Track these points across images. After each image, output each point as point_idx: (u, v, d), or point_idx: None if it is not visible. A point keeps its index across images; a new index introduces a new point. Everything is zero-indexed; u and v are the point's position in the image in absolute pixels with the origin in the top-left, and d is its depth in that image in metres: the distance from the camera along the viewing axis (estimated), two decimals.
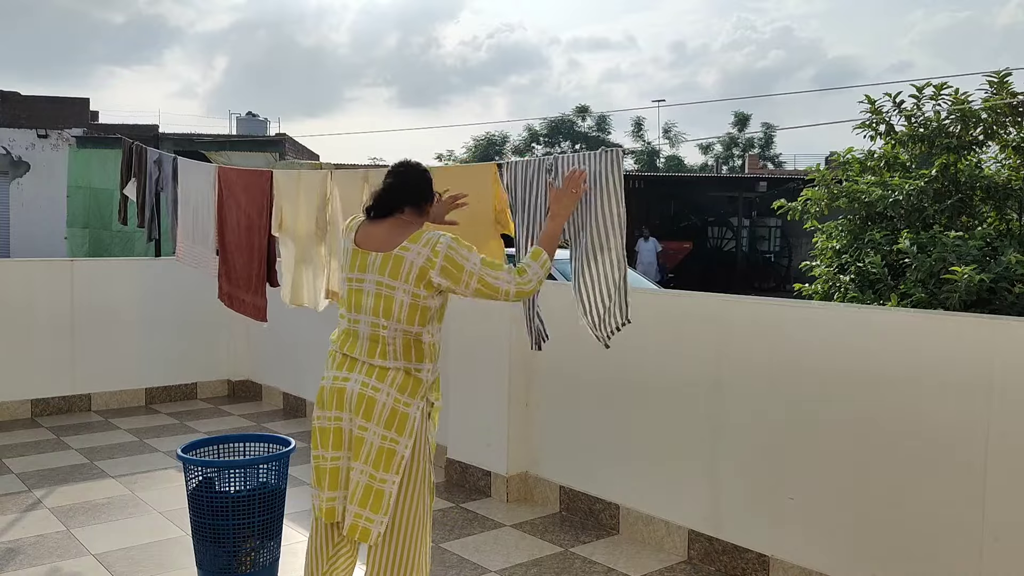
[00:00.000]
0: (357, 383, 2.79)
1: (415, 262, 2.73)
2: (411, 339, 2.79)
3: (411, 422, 2.78)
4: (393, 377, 2.78)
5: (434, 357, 2.87)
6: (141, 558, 4.05)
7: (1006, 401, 3.08)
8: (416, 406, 2.80)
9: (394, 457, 2.75)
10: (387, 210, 2.88)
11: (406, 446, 2.76)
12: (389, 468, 2.74)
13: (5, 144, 18.63)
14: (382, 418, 2.75)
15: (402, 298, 2.74)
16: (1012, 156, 6.26)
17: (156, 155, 6.39)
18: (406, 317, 2.76)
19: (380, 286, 2.77)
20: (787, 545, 3.72)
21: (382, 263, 2.77)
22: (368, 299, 2.79)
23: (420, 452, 2.82)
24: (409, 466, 2.78)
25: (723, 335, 3.98)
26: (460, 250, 2.76)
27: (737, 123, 45.05)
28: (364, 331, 2.81)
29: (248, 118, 25.81)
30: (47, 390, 6.88)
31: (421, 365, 2.82)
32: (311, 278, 5.27)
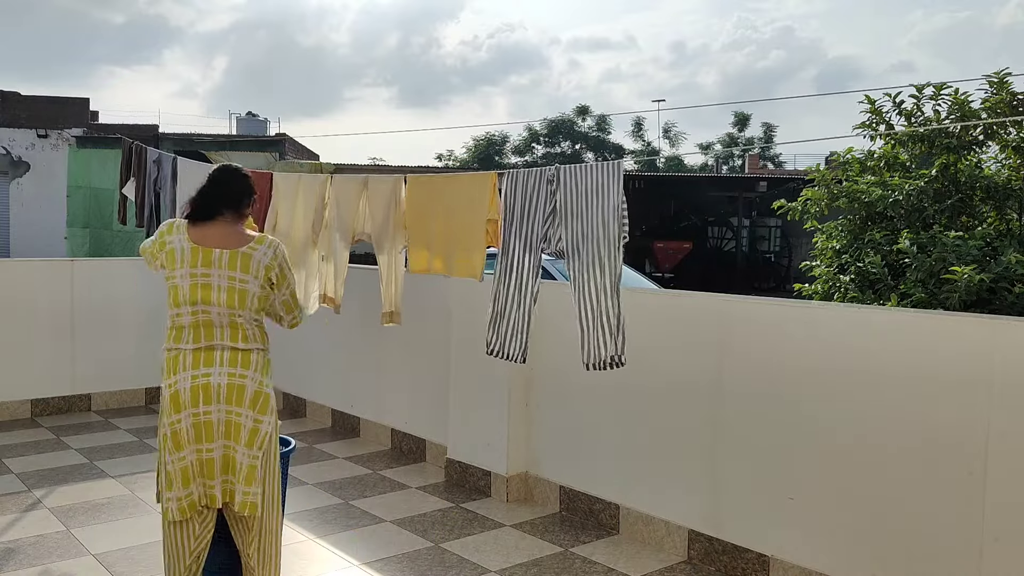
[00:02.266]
0: (222, 375, 3.05)
1: (262, 261, 3.13)
2: (257, 325, 3.17)
3: (272, 401, 3.15)
4: (256, 360, 3.11)
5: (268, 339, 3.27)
6: (141, 558, 4.05)
7: (1006, 401, 3.08)
8: (271, 386, 3.16)
9: (258, 435, 3.07)
10: (210, 214, 3.17)
11: (269, 423, 3.10)
12: (253, 444, 3.06)
13: (5, 144, 18.63)
14: (250, 400, 3.07)
15: (254, 291, 3.11)
16: (1012, 156, 6.26)
17: (156, 155, 6.39)
18: (258, 307, 3.14)
19: (233, 280, 3.07)
20: (787, 545, 3.72)
21: (231, 260, 3.08)
22: (220, 293, 3.06)
23: (275, 430, 3.15)
24: (270, 441, 3.12)
25: (723, 335, 3.98)
26: (287, 262, 3.26)
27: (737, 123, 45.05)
28: (218, 320, 3.07)
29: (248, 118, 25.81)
30: (47, 390, 6.88)
31: (267, 346, 3.21)
32: (303, 281, 5.27)
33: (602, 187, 3.41)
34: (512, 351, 3.78)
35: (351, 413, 6.46)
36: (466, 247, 4.31)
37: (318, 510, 4.75)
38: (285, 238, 5.25)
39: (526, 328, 3.70)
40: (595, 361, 3.56)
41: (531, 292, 3.74)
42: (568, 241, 3.58)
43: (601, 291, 3.48)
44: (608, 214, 3.39)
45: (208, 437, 3.05)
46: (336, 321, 6.11)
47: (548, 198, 3.64)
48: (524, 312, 3.73)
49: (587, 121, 45.11)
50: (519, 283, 3.78)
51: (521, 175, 3.83)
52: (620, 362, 3.51)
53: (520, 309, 3.77)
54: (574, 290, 3.56)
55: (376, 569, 3.98)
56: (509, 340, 3.77)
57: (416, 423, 5.85)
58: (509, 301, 3.79)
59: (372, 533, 4.42)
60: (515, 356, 3.76)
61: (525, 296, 3.74)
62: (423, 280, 5.53)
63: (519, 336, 3.73)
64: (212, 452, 3.06)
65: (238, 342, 3.09)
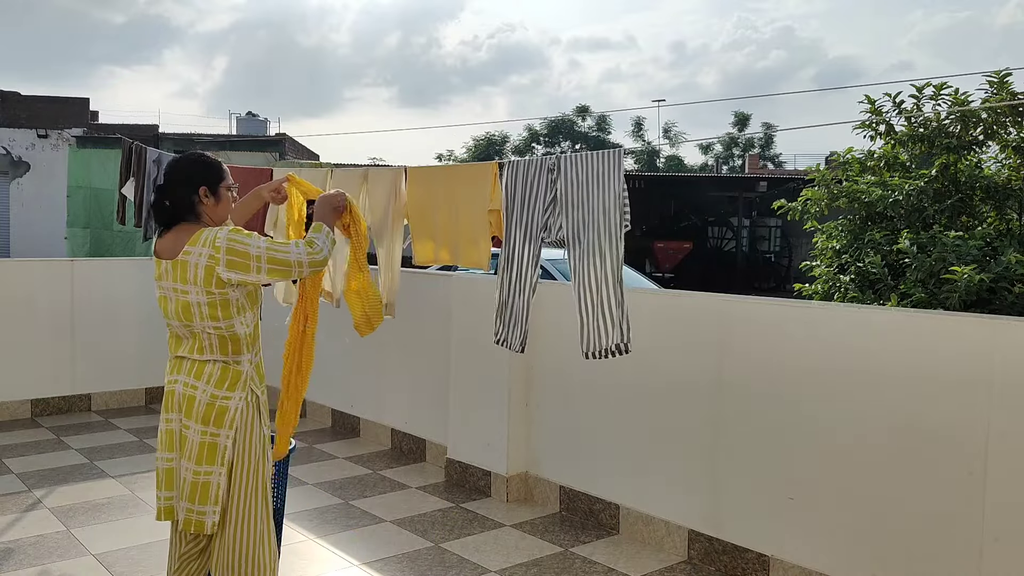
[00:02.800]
0: (181, 384, 2.86)
1: (199, 263, 2.75)
2: (224, 333, 2.82)
3: (230, 414, 2.82)
4: (210, 372, 2.83)
5: (251, 347, 2.92)
6: (141, 558, 4.05)
7: (1006, 401, 3.08)
8: (237, 397, 2.84)
9: (216, 450, 2.80)
10: (164, 222, 2.89)
11: (227, 437, 2.81)
12: (213, 461, 2.79)
13: (5, 144, 18.64)
14: (199, 414, 2.80)
15: (197, 299, 2.78)
16: (1012, 156, 6.26)
17: (156, 155, 6.39)
18: (208, 315, 2.79)
19: (176, 292, 2.81)
20: (787, 545, 3.72)
21: (172, 270, 2.81)
22: (171, 305, 2.84)
23: (245, 444, 2.84)
24: (235, 458, 2.83)
25: (723, 335, 3.98)
26: (240, 239, 2.76)
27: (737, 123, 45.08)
28: (181, 332, 2.87)
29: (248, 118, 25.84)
30: (47, 390, 6.88)
31: (239, 357, 2.87)
32: None
33: (603, 175, 3.41)
34: (513, 340, 3.79)
35: (351, 413, 6.46)
36: (471, 237, 4.31)
37: (318, 510, 4.75)
38: (284, 234, 5.25)
39: (525, 317, 3.71)
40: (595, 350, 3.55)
41: (530, 282, 3.74)
42: (568, 230, 3.58)
43: (601, 279, 3.48)
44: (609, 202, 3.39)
45: (166, 445, 2.89)
46: (336, 320, 6.11)
47: (548, 187, 3.64)
48: (524, 301, 3.74)
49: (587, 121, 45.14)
50: (519, 272, 3.78)
51: (522, 165, 3.83)
52: (625, 349, 3.50)
53: (521, 298, 3.78)
54: (574, 279, 3.56)
55: (376, 569, 3.98)
56: (511, 329, 3.78)
57: (416, 423, 5.85)
58: (512, 290, 3.80)
59: (372, 533, 4.42)
60: (515, 345, 3.76)
61: (525, 286, 3.75)
62: (423, 280, 5.53)
63: (520, 325, 3.73)
64: (166, 462, 2.89)
65: (193, 353, 2.85)
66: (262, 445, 2.93)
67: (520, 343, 3.74)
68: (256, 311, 2.96)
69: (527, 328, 3.68)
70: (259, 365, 3.01)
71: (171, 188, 2.87)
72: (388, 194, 4.77)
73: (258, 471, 2.90)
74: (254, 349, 2.96)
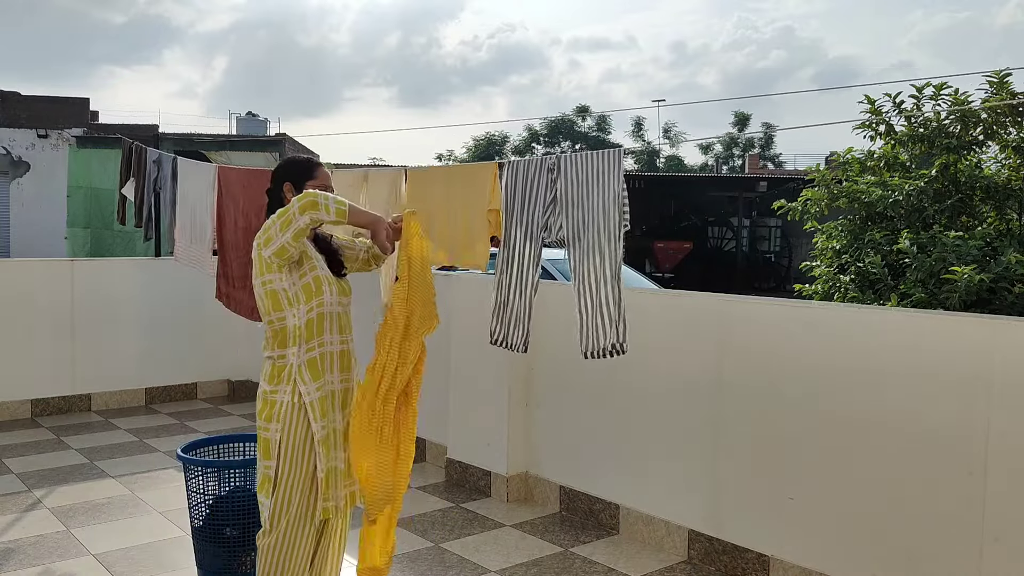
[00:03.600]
0: None
1: (253, 256, 2.86)
2: (276, 328, 2.86)
3: (277, 407, 2.83)
4: (267, 368, 2.89)
5: (301, 339, 2.85)
6: (141, 558, 4.05)
7: (1006, 401, 3.07)
8: (283, 391, 2.84)
9: (268, 444, 2.84)
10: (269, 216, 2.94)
11: (276, 431, 2.82)
12: (267, 455, 2.84)
13: (5, 144, 18.63)
14: (259, 409, 2.89)
15: (259, 291, 2.86)
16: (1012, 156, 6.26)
17: (156, 155, 6.38)
18: (266, 307, 2.86)
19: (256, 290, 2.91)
20: (787, 545, 3.72)
21: None
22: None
23: (289, 442, 2.82)
24: (282, 452, 2.82)
25: (723, 335, 3.98)
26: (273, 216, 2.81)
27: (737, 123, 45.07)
28: None
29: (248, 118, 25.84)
30: (47, 390, 6.88)
31: (284, 351, 2.86)
32: None
33: (602, 175, 3.42)
34: (515, 340, 3.79)
35: None
36: (469, 238, 4.31)
37: None
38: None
39: (527, 317, 3.70)
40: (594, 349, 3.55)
41: (531, 282, 3.74)
42: (568, 229, 3.58)
43: (601, 278, 3.48)
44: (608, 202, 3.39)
45: None
46: None
47: (549, 187, 3.64)
48: (525, 301, 3.74)
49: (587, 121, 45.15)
50: (520, 272, 3.78)
51: (522, 165, 3.83)
52: (621, 350, 3.50)
53: (522, 298, 3.78)
54: (574, 278, 3.56)
55: None
56: (512, 329, 3.78)
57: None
58: (512, 290, 3.79)
59: None
60: (517, 345, 3.76)
61: (526, 286, 3.75)
62: None
63: (521, 325, 3.73)
64: None
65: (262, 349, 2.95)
66: (306, 447, 2.85)
67: (523, 343, 3.74)
68: (317, 303, 2.87)
69: (529, 328, 3.68)
70: (312, 362, 2.87)
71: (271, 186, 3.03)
72: (388, 195, 4.77)
73: (300, 477, 2.84)
74: (307, 344, 2.86)
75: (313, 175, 2.99)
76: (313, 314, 2.86)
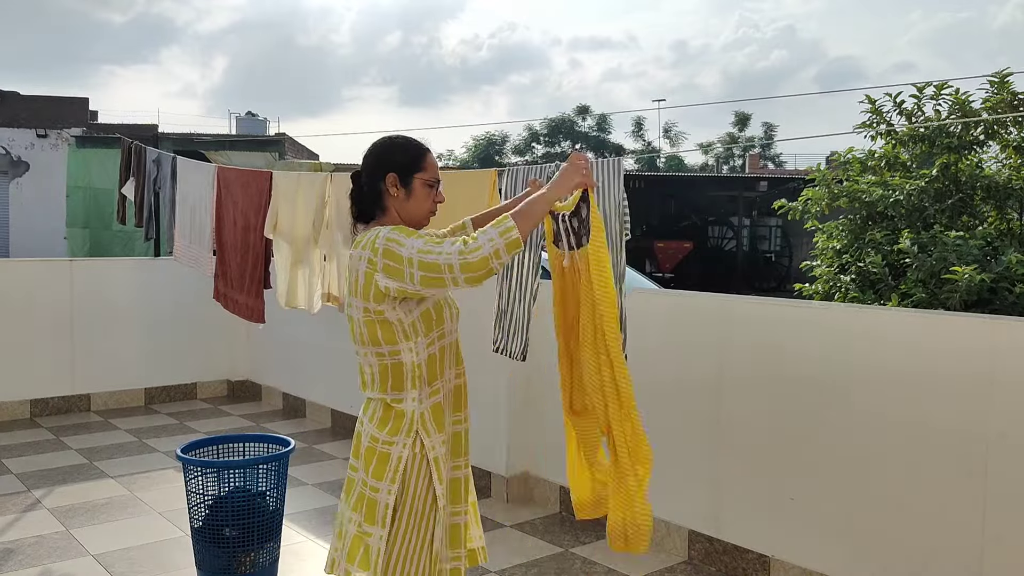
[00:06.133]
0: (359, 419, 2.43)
1: (359, 269, 2.24)
2: (387, 362, 2.29)
3: (393, 463, 2.27)
4: (373, 410, 2.33)
5: (422, 380, 2.32)
6: (140, 558, 4.05)
7: (1007, 401, 3.07)
8: (401, 444, 2.28)
9: (376, 507, 2.26)
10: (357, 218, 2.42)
11: (389, 492, 2.26)
12: (373, 520, 2.26)
13: (4, 144, 18.63)
14: (361, 458, 2.33)
15: (358, 316, 2.28)
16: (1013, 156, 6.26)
17: (155, 155, 6.38)
18: (368, 337, 2.28)
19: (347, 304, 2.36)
20: (788, 545, 3.71)
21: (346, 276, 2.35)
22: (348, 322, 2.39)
23: (410, 503, 2.29)
24: (397, 518, 2.28)
25: (723, 335, 3.97)
26: (399, 237, 2.19)
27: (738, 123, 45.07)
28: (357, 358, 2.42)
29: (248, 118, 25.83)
30: (46, 390, 6.87)
31: (401, 394, 2.30)
32: (306, 280, 5.26)
33: (603, 184, 3.40)
34: (514, 349, 3.78)
35: (351, 413, 6.45)
36: None
37: (318, 510, 4.74)
38: (287, 237, 5.24)
39: (526, 326, 3.70)
40: None
41: (531, 289, 3.73)
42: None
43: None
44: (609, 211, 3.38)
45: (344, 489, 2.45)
46: (336, 321, 6.09)
47: None
48: (524, 309, 3.73)
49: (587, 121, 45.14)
50: (520, 280, 3.77)
51: (521, 172, 3.82)
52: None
53: (521, 306, 3.77)
54: None
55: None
56: (512, 338, 3.77)
57: None
58: (511, 298, 3.79)
59: None
60: (516, 354, 3.75)
61: (525, 293, 3.74)
62: None
63: (520, 334, 3.72)
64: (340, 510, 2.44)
65: (361, 388, 2.39)
66: (427, 510, 2.32)
67: (521, 352, 3.73)
68: (438, 335, 2.36)
69: (528, 336, 3.67)
70: (436, 408, 2.36)
71: (362, 174, 2.39)
72: None
73: (411, 546, 2.30)
74: (428, 386, 2.34)
75: (422, 165, 2.36)
76: (434, 348, 2.34)
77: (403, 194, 2.34)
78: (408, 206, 2.36)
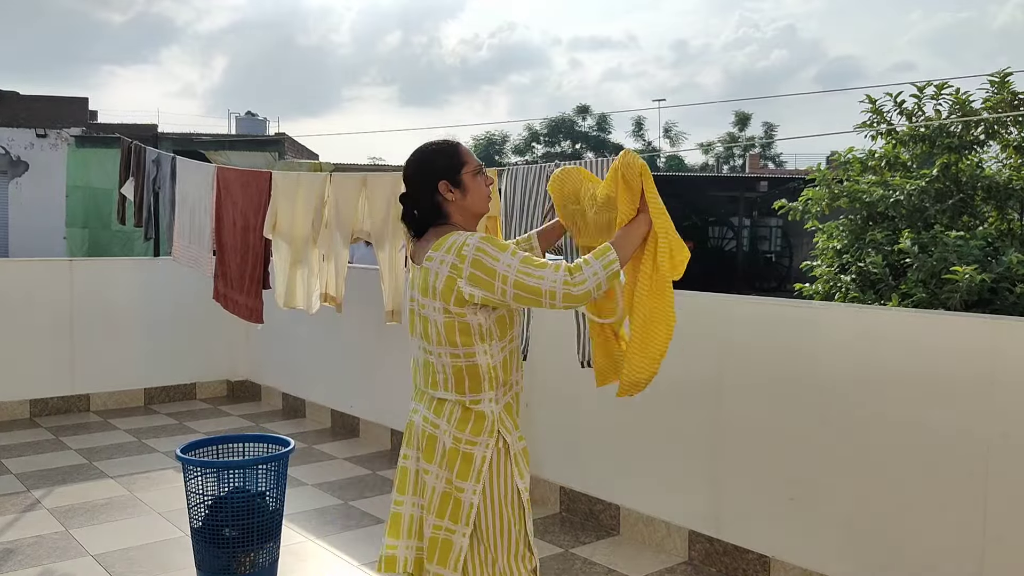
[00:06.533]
0: (421, 417, 2.43)
1: (440, 272, 2.27)
2: (461, 363, 2.33)
3: (477, 463, 2.32)
4: (450, 411, 2.36)
5: (497, 382, 2.37)
6: (140, 558, 4.04)
7: (1007, 401, 3.06)
8: (484, 444, 2.33)
9: (461, 506, 2.33)
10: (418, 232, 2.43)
11: (474, 492, 2.32)
12: (457, 518, 2.33)
13: (4, 144, 18.62)
14: (443, 459, 2.36)
15: (435, 317, 2.31)
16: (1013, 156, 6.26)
17: (155, 155, 6.38)
18: (446, 338, 2.31)
19: (417, 304, 2.37)
20: (788, 546, 3.71)
21: (418, 278, 2.37)
22: (416, 320, 2.40)
23: (494, 501, 2.35)
24: (482, 517, 2.35)
25: (724, 335, 3.97)
26: (491, 250, 2.24)
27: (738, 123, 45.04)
28: (419, 357, 2.44)
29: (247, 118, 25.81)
30: (46, 390, 6.87)
31: (479, 395, 2.35)
32: (305, 280, 5.26)
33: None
34: None
35: (351, 413, 6.45)
36: None
37: (318, 510, 4.74)
38: (286, 237, 5.24)
39: (525, 325, 3.69)
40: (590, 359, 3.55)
41: None
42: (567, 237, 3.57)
43: None
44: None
45: (401, 487, 2.46)
46: (336, 321, 6.09)
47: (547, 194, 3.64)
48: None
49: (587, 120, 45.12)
50: None
51: (521, 171, 3.82)
52: None
53: None
54: None
55: (375, 570, 3.97)
56: None
57: None
58: None
59: (371, 533, 4.41)
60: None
61: None
62: None
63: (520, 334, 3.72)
64: (400, 506, 2.46)
65: (429, 387, 2.41)
66: (517, 503, 2.40)
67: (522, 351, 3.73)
68: (510, 338, 2.41)
69: (528, 335, 3.67)
70: (509, 406, 2.44)
71: (411, 195, 2.42)
72: (388, 201, 4.75)
73: (511, 539, 2.39)
74: (503, 386, 2.40)
75: (463, 160, 2.41)
76: (507, 351, 2.40)
77: (459, 195, 2.39)
78: (467, 203, 2.41)
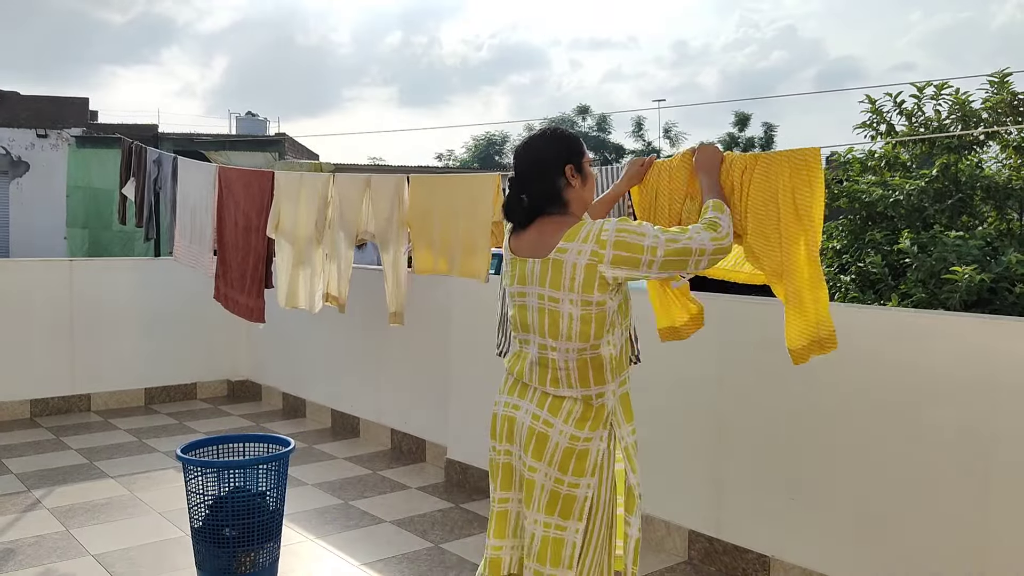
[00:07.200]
0: (528, 414, 2.37)
1: (578, 263, 2.24)
2: (587, 357, 2.30)
3: (592, 458, 2.31)
4: (570, 409, 2.32)
5: (616, 372, 2.36)
6: (140, 558, 4.04)
7: (1007, 401, 3.07)
8: (599, 437, 2.32)
9: (574, 502, 2.30)
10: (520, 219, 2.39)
11: (588, 486, 2.30)
12: (569, 514, 2.30)
13: (4, 144, 18.62)
14: (555, 459, 2.31)
15: (570, 311, 2.26)
16: (1013, 156, 6.26)
17: (156, 155, 6.38)
18: (578, 333, 2.28)
19: (543, 299, 2.30)
20: (788, 545, 3.71)
21: (541, 271, 2.30)
22: (533, 315, 2.33)
23: (601, 492, 2.33)
24: (592, 511, 2.33)
25: (724, 335, 3.97)
26: (632, 228, 2.23)
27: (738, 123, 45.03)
28: (532, 353, 2.37)
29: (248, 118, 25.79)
30: (46, 390, 6.87)
31: (603, 387, 2.34)
32: (308, 280, 5.26)
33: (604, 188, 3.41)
34: None
35: (351, 413, 6.45)
36: (470, 248, 4.33)
37: (318, 510, 4.74)
38: (289, 237, 5.24)
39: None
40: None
41: None
42: None
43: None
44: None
45: (505, 483, 2.45)
46: (336, 321, 6.10)
47: None
48: None
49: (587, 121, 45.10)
50: None
51: None
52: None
53: None
54: None
55: (376, 570, 3.97)
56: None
57: (416, 423, 5.84)
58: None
59: (371, 533, 4.41)
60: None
61: None
62: (423, 281, 5.52)
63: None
64: (505, 504, 2.44)
65: (546, 385, 2.35)
66: (614, 492, 2.41)
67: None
68: (625, 327, 2.39)
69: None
70: (625, 396, 2.44)
71: (530, 177, 2.38)
72: (392, 202, 4.76)
73: (611, 523, 2.39)
74: (621, 376, 2.40)
75: (583, 149, 2.44)
76: (623, 339, 2.38)
77: (579, 181, 2.39)
78: (584, 191, 2.42)
